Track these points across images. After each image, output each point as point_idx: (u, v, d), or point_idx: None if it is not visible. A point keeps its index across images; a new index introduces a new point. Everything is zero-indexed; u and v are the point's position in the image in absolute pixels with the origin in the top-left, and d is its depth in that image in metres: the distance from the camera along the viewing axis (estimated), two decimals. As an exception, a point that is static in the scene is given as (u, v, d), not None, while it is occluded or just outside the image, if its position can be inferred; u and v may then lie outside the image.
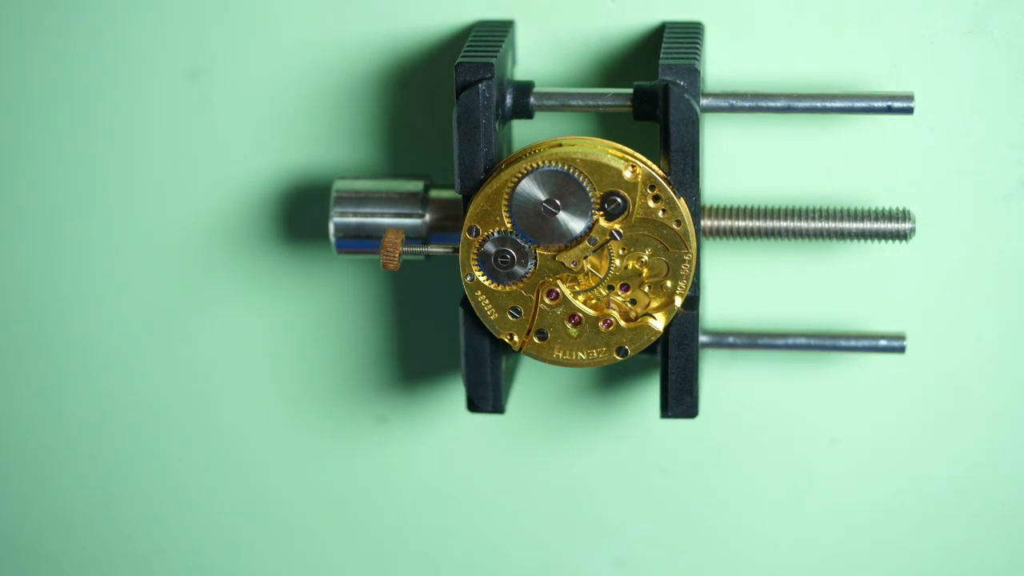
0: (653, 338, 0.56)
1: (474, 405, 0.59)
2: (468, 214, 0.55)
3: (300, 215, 0.63)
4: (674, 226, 0.55)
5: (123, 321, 0.65)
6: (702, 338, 0.60)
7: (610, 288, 0.56)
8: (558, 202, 0.55)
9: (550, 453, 0.65)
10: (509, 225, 0.55)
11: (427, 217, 0.59)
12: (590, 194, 0.55)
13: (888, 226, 0.58)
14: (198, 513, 0.68)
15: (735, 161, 0.60)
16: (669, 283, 0.56)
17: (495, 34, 0.58)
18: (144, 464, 0.67)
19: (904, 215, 0.58)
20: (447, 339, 0.64)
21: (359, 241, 0.59)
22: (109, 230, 0.64)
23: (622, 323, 0.56)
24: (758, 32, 0.59)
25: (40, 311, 0.66)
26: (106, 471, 0.68)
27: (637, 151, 0.55)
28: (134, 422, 0.67)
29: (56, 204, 0.64)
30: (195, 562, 0.69)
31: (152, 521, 0.68)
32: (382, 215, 0.59)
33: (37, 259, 0.65)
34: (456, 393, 0.65)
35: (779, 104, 0.56)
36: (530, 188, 0.55)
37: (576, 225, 0.55)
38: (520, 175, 0.55)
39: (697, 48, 0.56)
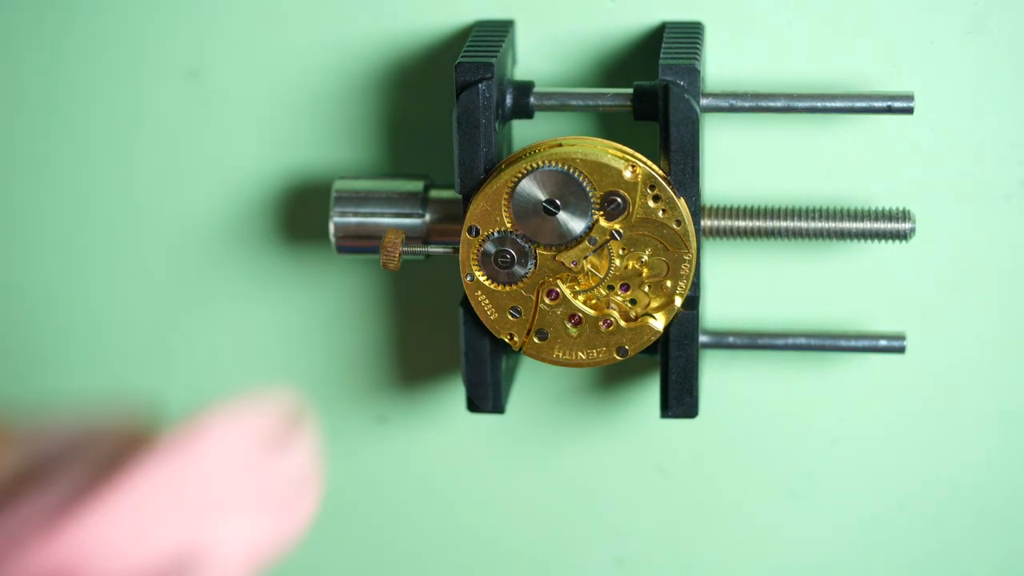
0: (653, 338, 0.56)
1: (474, 405, 0.59)
2: (468, 214, 0.56)
3: (300, 215, 0.63)
4: (674, 226, 0.55)
5: (123, 321, 0.65)
6: (702, 338, 0.60)
7: (610, 288, 0.56)
8: (558, 202, 0.55)
9: (550, 453, 0.65)
10: (509, 225, 0.55)
11: (427, 217, 0.59)
12: (590, 194, 0.55)
13: (888, 226, 0.58)
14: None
15: (735, 161, 0.60)
16: (669, 283, 0.56)
17: (495, 34, 0.58)
18: (144, 464, 0.67)
19: (904, 215, 0.58)
20: (447, 339, 0.64)
21: (359, 241, 0.59)
22: (109, 230, 0.64)
23: (622, 323, 0.56)
24: (758, 32, 0.59)
25: (40, 311, 0.66)
26: (106, 471, 0.68)
27: (637, 151, 0.55)
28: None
29: (56, 204, 0.64)
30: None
31: (152, 521, 0.68)
32: (382, 215, 0.59)
33: (37, 259, 0.65)
34: (456, 393, 0.65)
35: (779, 104, 0.57)
36: (530, 188, 0.55)
37: (576, 225, 0.55)
38: (520, 175, 0.55)
39: (697, 48, 0.56)
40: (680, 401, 0.57)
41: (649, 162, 0.55)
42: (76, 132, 0.63)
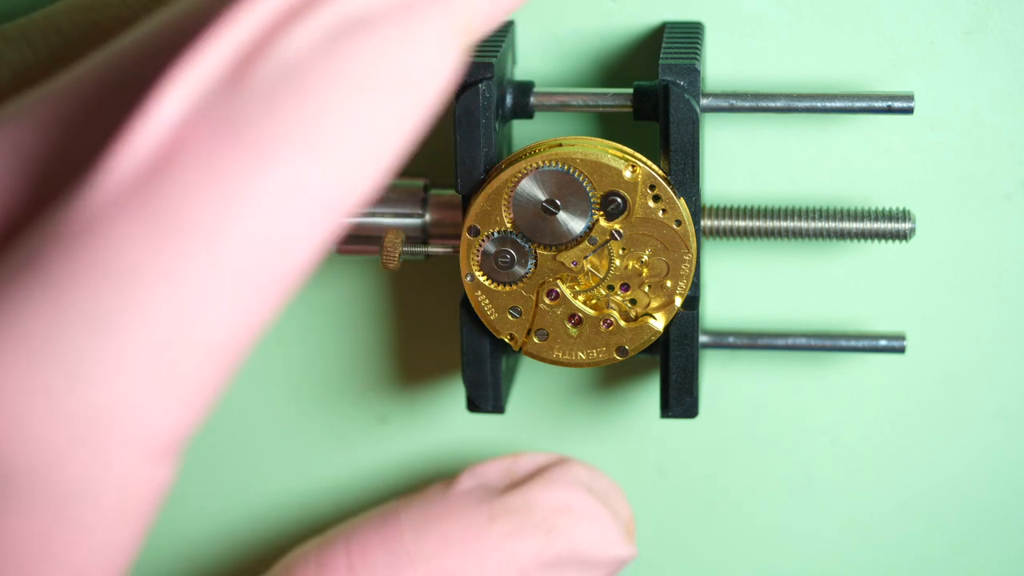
0: (653, 338, 0.56)
1: (474, 405, 0.59)
2: (468, 214, 0.56)
3: (300, 215, 0.63)
4: (674, 226, 0.55)
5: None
6: (702, 338, 0.60)
7: (610, 288, 0.56)
8: (558, 202, 0.55)
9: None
10: (509, 225, 0.55)
11: (427, 217, 0.59)
12: (590, 194, 0.55)
13: (888, 226, 0.58)
14: (197, 512, 0.68)
15: (735, 161, 0.60)
16: (669, 283, 0.56)
17: (495, 34, 0.58)
18: (144, 464, 0.67)
19: (904, 215, 0.58)
20: (447, 339, 0.64)
21: (359, 241, 0.59)
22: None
23: (622, 323, 0.56)
24: (758, 32, 0.59)
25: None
26: (106, 471, 0.68)
27: (637, 151, 0.55)
28: (134, 422, 0.67)
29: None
30: (193, 561, 0.69)
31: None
32: (382, 215, 0.59)
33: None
34: (456, 393, 0.65)
35: (779, 104, 0.57)
36: (530, 188, 0.55)
37: (576, 225, 0.55)
38: (520, 175, 0.55)
39: (697, 48, 0.56)
40: (680, 401, 0.57)
41: (649, 162, 0.55)
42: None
